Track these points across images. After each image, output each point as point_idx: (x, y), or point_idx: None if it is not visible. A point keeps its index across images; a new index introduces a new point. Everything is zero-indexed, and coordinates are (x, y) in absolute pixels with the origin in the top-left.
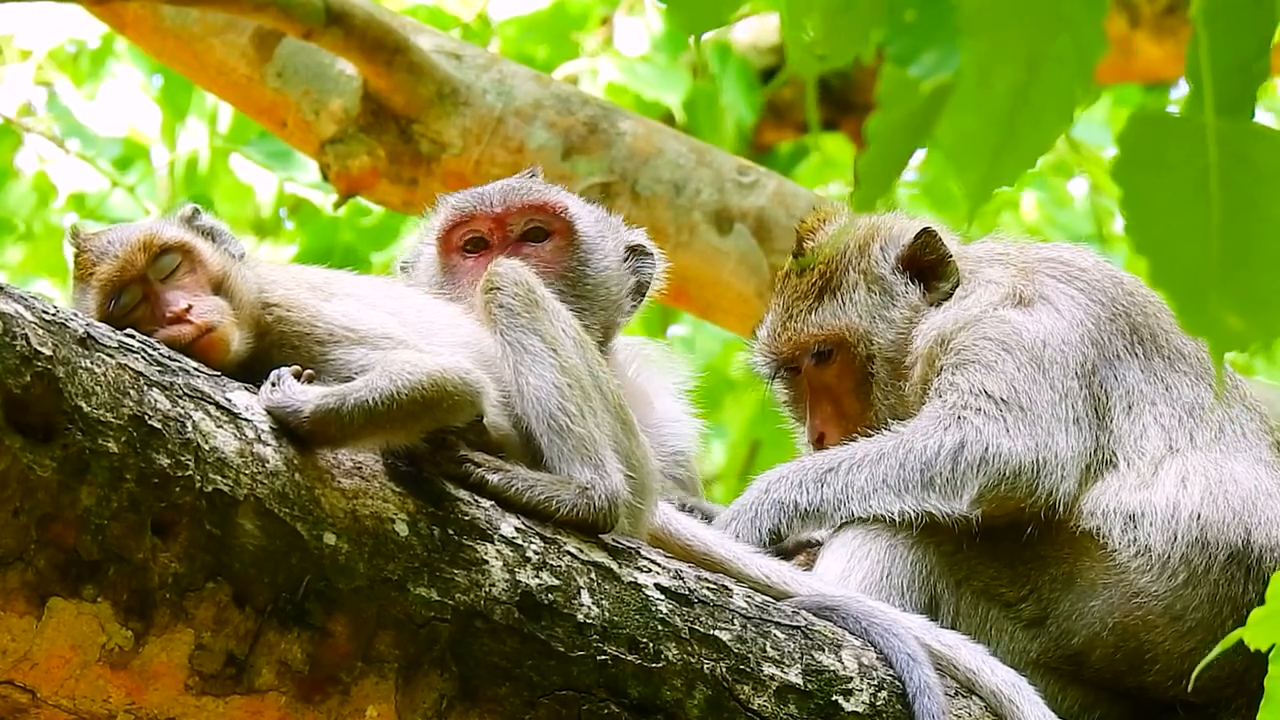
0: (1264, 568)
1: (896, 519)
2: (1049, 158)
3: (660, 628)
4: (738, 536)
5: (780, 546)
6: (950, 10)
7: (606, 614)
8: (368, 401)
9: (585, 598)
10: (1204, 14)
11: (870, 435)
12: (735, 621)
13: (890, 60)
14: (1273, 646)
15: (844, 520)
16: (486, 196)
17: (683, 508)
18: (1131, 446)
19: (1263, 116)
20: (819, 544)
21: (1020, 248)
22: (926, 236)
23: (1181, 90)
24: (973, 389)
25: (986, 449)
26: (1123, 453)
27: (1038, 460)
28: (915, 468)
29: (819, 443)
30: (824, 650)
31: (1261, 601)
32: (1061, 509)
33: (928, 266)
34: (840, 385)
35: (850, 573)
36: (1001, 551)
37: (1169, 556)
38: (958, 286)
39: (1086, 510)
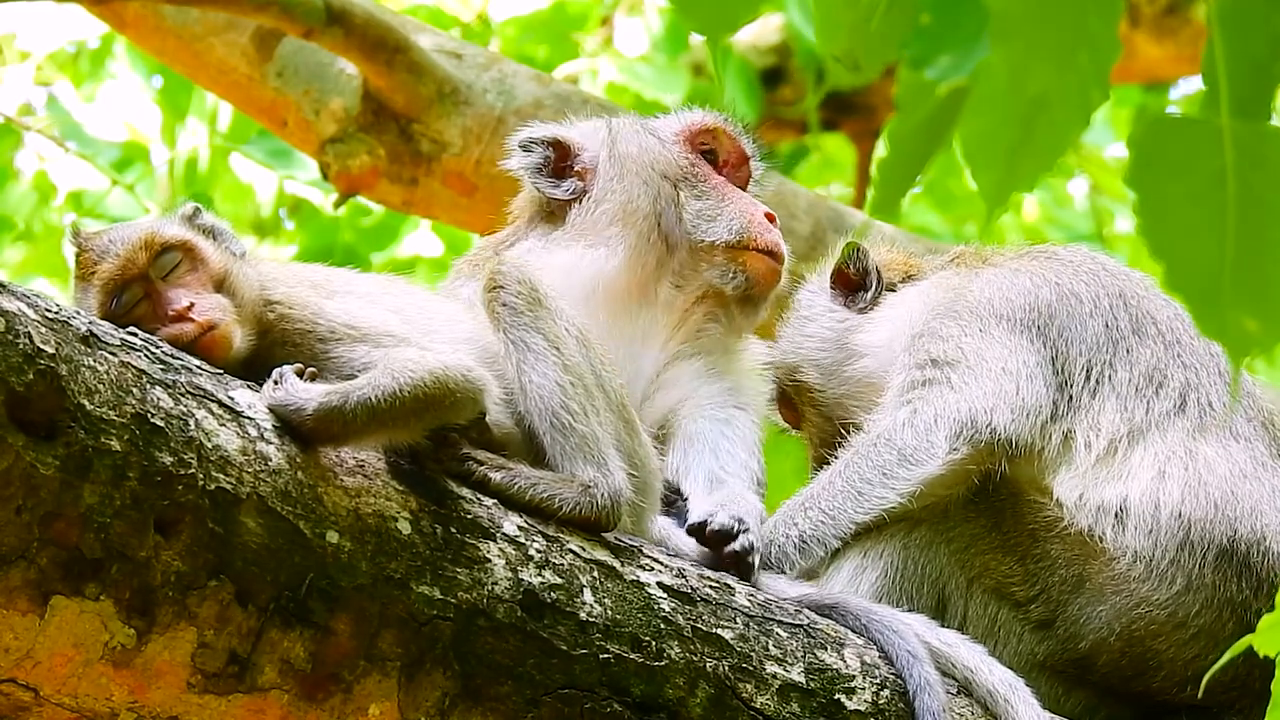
0: (1253, 563)
1: (897, 506)
2: None
3: (663, 626)
4: None
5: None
6: (965, 14)
7: (609, 612)
8: (370, 399)
9: (588, 596)
10: (1219, 15)
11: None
12: (738, 620)
13: (906, 63)
14: None
15: (850, 532)
16: (732, 120)
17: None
18: (1089, 423)
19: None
20: None
21: (993, 250)
22: (847, 249)
23: (1181, 90)
24: (918, 362)
25: (936, 409)
26: (1081, 429)
27: (990, 406)
28: (885, 451)
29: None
30: (826, 648)
31: (1258, 600)
32: (1037, 470)
33: (857, 281)
34: (808, 409)
35: (863, 571)
36: (1012, 547)
37: (1160, 562)
38: (880, 292)
39: (1070, 501)
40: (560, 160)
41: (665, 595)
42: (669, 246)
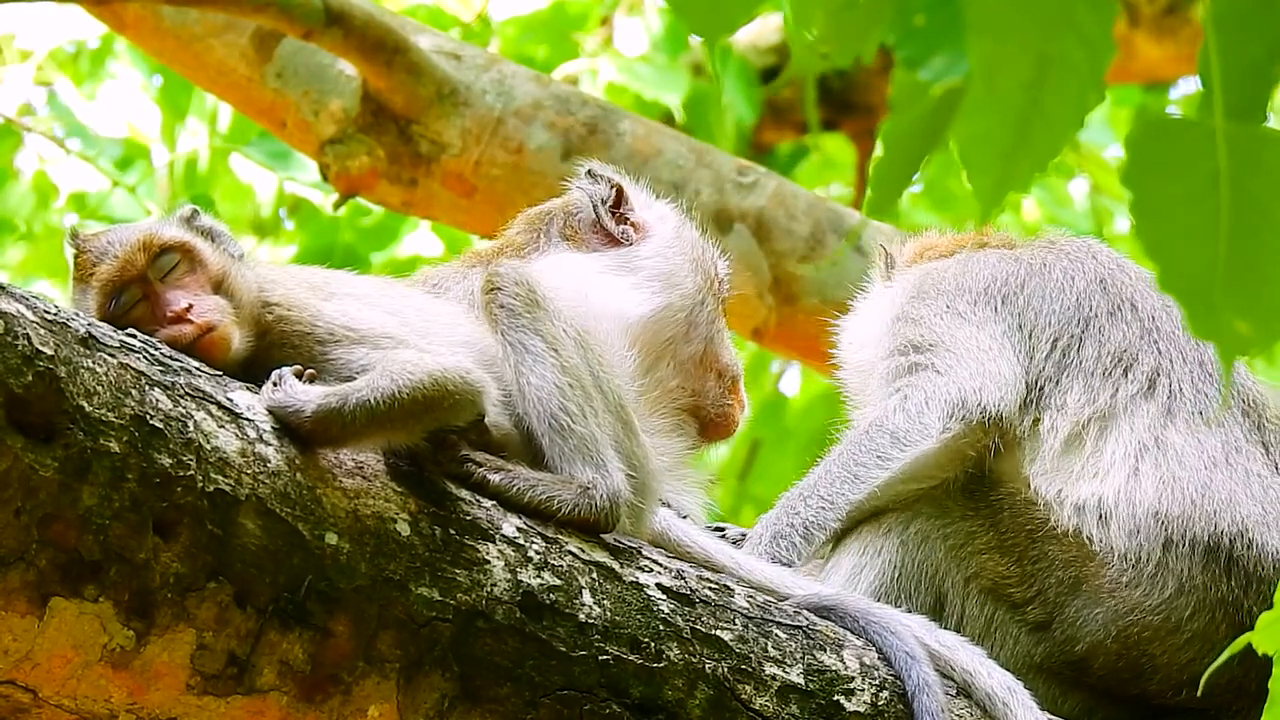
0: (1237, 557)
1: (885, 483)
2: None
3: (662, 628)
4: None
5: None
6: (959, 14)
7: (608, 614)
8: (369, 401)
9: (587, 597)
10: (1214, 17)
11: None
12: (737, 621)
13: (900, 64)
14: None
15: (850, 515)
16: None
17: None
18: (1056, 403)
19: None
20: None
21: (998, 236)
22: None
23: (1180, 90)
24: (899, 348)
25: (926, 393)
26: (1048, 411)
27: (978, 386)
28: (878, 436)
29: None
30: (826, 650)
31: (1248, 598)
32: (1019, 456)
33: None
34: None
35: (862, 569)
36: (1010, 548)
37: (1147, 565)
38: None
39: (1050, 496)
40: (615, 204)
41: (664, 597)
42: (688, 335)
